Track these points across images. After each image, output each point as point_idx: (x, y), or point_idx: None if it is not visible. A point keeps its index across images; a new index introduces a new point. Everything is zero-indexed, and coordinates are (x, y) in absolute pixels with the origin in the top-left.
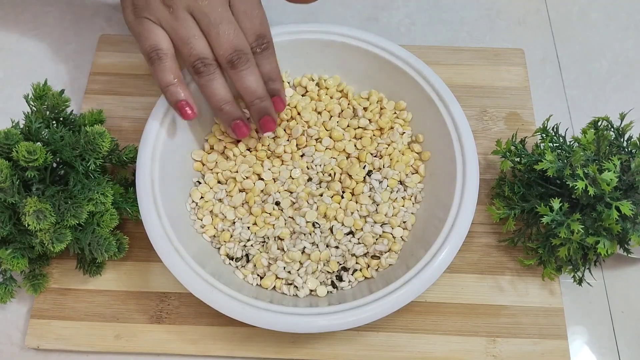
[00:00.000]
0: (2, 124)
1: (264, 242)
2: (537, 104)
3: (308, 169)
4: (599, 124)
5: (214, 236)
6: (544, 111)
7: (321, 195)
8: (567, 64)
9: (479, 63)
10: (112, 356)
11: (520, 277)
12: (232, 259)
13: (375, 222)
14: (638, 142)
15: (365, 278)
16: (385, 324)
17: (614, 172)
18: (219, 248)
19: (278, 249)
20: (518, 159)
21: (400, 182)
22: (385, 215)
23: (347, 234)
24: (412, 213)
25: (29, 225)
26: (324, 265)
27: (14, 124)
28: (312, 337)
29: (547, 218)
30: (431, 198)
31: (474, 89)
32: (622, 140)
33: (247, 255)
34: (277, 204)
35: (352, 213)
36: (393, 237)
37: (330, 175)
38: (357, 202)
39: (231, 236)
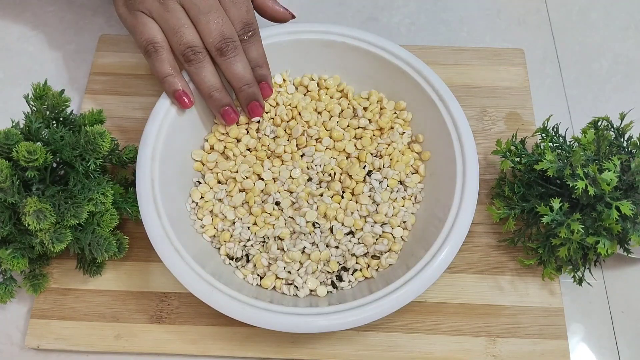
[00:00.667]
0: (2, 124)
1: (264, 242)
2: (537, 104)
3: (308, 169)
4: (599, 124)
5: (214, 236)
6: (544, 111)
7: (321, 195)
8: (567, 64)
9: (479, 63)
10: (112, 356)
11: (520, 277)
12: (232, 259)
13: (375, 222)
14: (638, 142)
15: (365, 278)
16: (385, 324)
17: (614, 172)
18: (219, 248)
19: (278, 249)
20: (518, 159)
21: (400, 182)
22: (385, 215)
23: (347, 234)
24: (412, 213)
25: (29, 225)
26: (324, 265)
27: (14, 124)
28: (312, 337)
29: (547, 218)
30: (431, 198)
31: (474, 89)
32: (622, 140)
33: (247, 255)
34: (277, 204)
35: (352, 213)
36: (393, 237)
37: (330, 175)
38: (357, 202)
39: (231, 236)
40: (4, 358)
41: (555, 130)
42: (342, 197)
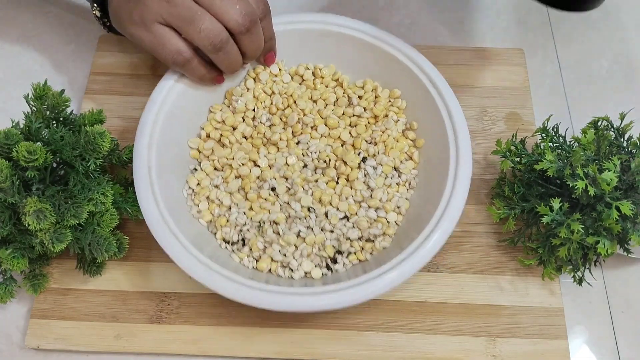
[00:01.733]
0: (2, 124)
1: (260, 226)
2: (537, 104)
3: (304, 155)
4: (599, 124)
5: (210, 221)
6: (544, 111)
7: (316, 181)
8: (567, 64)
9: (479, 63)
10: (112, 356)
11: (520, 277)
12: (228, 242)
13: (369, 207)
14: (638, 142)
15: (360, 261)
16: (385, 324)
17: (614, 172)
18: (215, 233)
19: (273, 232)
20: (518, 159)
21: (395, 169)
22: (379, 200)
23: (342, 218)
24: (406, 199)
25: (29, 225)
26: (319, 249)
27: (14, 124)
28: (312, 337)
29: (547, 218)
30: (425, 184)
31: (474, 89)
32: (622, 140)
33: (243, 239)
34: (273, 189)
35: (346, 198)
36: (387, 221)
37: (325, 162)
38: (351, 188)
39: (227, 221)
40: (4, 358)
41: (555, 130)
42: (337, 183)
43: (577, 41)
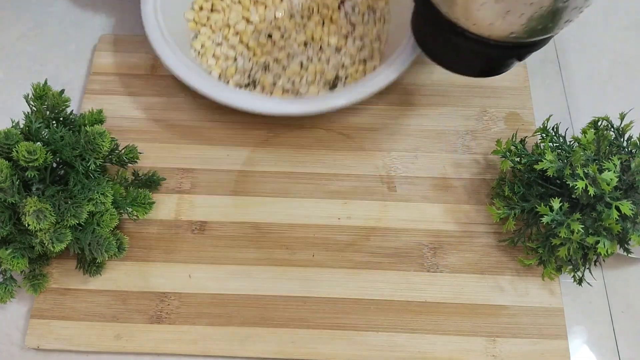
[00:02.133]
0: (2, 124)
1: (266, 67)
2: (537, 104)
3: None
4: (599, 124)
5: (220, 75)
6: (544, 111)
7: (305, 25)
8: (567, 64)
9: None
10: (112, 356)
11: (520, 277)
12: (241, 86)
13: (355, 38)
14: (638, 142)
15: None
16: (385, 324)
17: (614, 172)
18: (228, 82)
19: (279, 67)
20: (518, 159)
21: (369, 7)
22: (362, 31)
23: (335, 51)
24: (384, 30)
25: (29, 225)
26: (320, 77)
27: (14, 124)
28: (312, 337)
29: (547, 218)
30: (398, 16)
31: (474, 89)
32: (622, 140)
33: (254, 81)
34: (270, 36)
35: (335, 34)
36: (372, 48)
37: (309, 9)
38: (336, 26)
39: (236, 69)
40: (4, 358)
41: (555, 130)
42: (323, 25)
43: (577, 41)
